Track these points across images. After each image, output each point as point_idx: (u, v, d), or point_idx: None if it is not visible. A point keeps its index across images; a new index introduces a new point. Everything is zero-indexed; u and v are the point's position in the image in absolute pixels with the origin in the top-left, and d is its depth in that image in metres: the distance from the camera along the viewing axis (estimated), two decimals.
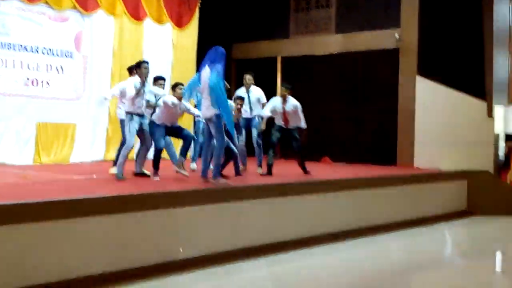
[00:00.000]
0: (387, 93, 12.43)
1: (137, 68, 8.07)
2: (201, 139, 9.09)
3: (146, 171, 8.26)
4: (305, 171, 9.28)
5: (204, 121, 7.92)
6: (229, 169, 8.71)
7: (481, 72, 12.08)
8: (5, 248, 4.94)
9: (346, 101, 13.12)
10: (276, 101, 9.27)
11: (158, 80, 8.93)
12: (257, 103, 9.71)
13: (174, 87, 8.13)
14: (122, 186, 7.30)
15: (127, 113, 7.95)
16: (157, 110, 8.15)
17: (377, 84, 12.67)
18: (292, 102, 9.20)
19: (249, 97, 9.62)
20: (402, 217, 9.42)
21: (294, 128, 9.28)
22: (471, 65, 12.07)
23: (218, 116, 7.35)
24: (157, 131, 7.97)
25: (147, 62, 8.13)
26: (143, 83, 7.96)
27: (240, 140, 9.17)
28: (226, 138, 7.84)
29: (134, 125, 7.90)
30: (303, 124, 9.29)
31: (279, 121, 9.23)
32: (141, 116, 8.01)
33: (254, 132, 9.60)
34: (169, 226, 6.25)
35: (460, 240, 9.54)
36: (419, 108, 12.00)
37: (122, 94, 8.65)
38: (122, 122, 8.69)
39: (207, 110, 7.43)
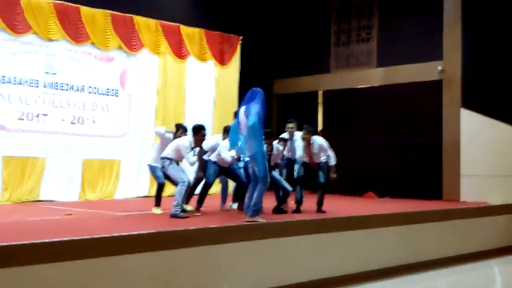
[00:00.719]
0: (432, 126, 12.26)
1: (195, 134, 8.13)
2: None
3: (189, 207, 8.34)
4: (320, 209, 8.89)
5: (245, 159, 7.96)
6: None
7: None
8: (51, 284, 4.99)
9: (389, 134, 12.98)
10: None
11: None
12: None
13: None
14: (163, 223, 7.34)
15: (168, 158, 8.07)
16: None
17: (421, 116, 12.51)
18: (317, 142, 8.98)
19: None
20: (449, 253, 9.18)
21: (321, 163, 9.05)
22: None
23: (257, 154, 7.36)
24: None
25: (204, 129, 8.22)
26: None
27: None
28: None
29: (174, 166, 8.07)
30: (332, 161, 9.10)
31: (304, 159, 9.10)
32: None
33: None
34: (212, 262, 6.23)
35: (508, 276, 9.22)
36: (465, 140, 11.78)
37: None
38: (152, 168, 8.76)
39: (249, 149, 7.43)
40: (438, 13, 12.20)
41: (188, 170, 9.21)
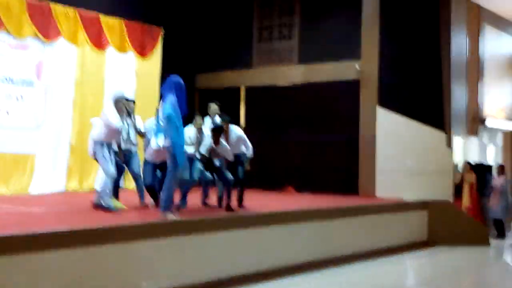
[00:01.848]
0: (349, 124, 12.58)
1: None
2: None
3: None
4: (241, 205, 8.78)
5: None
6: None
7: (440, 103, 12.37)
8: None
9: (309, 131, 13.22)
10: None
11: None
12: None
13: None
14: (80, 219, 7.18)
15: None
16: None
17: (339, 114, 12.82)
18: (236, 132, 8.94)
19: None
20: (364, 247, 9.47)
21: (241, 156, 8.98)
22: (431, 97, 12.36)
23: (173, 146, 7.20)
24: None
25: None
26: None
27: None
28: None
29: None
30: (250, 153, 9.06)
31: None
32: None
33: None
34: (130, 260, 6.15)
35: (421, 270, 9.62)
36: (380, 138, 12.17)
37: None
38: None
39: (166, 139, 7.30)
40: (357, 12, 12.52)
41: None
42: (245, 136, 9.03)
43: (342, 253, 8.99)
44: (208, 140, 8.48)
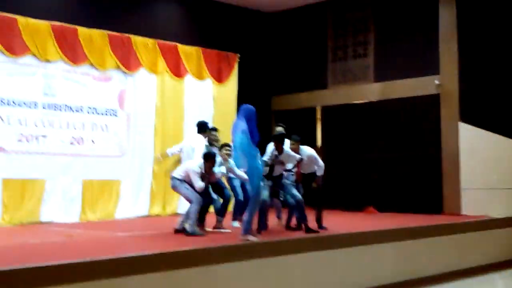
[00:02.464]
0: (430, 140, 12.28)
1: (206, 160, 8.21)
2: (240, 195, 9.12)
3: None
4: (320, 225, 8.66)
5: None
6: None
7: None
8: None
9: (388, 149, 13.01)
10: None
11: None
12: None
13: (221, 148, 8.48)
14: (164, 243, 7.33)
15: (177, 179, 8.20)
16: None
17: (419, 131, 12.54)
18: (306, 152, 8.77)
19: None
20: (451, 267, 9.16)
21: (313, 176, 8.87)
22: None
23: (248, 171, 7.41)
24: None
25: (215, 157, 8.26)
26: None
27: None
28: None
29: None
30: (321, 171, 8.83)
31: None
32: None
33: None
34: (213, 282, 6.21)
35: None
36: (464, 154, 11.78)
37: None
38: None
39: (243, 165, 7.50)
40: (434, 27, 12.29)
41: None
42: (316, 155, 8.89)
43: (428, 273, 8.72)
44: (270, 149, 8.47)
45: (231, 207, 9.08)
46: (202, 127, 9.08)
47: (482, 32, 12.03)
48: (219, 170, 8.22)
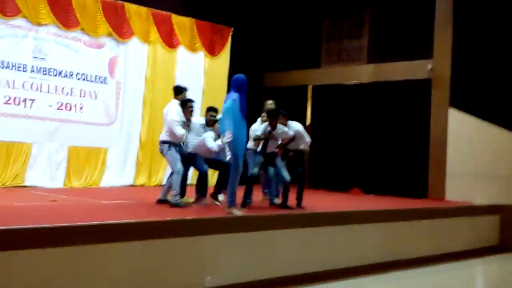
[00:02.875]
0: (419, 124, 12.31)
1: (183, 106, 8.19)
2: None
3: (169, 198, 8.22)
4: (299, 204, 8.53)
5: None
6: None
7: None
8: (34, 270, 4.98)
9: (377, 131, 13.03)
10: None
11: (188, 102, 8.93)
12: None
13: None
14: (147, 212, 7.32)
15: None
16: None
17: (409, 115, 12.57)
18: (294, 127, 8.73)
19: None
20: (432, 251, 9.24)
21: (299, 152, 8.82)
22: (505, 97, 11.90)
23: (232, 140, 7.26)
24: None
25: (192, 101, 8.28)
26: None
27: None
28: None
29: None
30: (304, 145, 8.85)
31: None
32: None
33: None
34: (196, 254, 6.22)
35: (489, 276, 9.30)
36: (451, 140, 11.83)
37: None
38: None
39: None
40: (429, 12, 12.24)
41: None
42: (303, 130, 8.88)
43: (409, 256, 8.80)
44: (264, 125, 8.38)
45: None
46: (176, 91, 8.78)
47: (478, 18, 11.99)
48: (215, 144, 8.05)
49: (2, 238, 4.86)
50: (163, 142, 8.00)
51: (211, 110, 8.61)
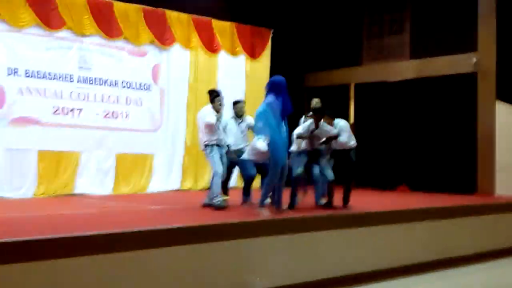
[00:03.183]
0: (466, 119, 12.09)
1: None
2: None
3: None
4: (346, 202, 8.50)
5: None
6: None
7: None
8: (86, 277, 5.10)
9: (422, 128, 12.85)
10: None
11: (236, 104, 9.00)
12: None
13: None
14: (194, 216, 7.41)
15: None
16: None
17: (455, 110, 12.35)
18: (341, 124, 8.67)
19: None
20: (483, 248, 9.07)
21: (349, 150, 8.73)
22: None
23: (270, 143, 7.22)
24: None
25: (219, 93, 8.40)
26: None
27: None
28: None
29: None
30: (353, 143, 8.75)
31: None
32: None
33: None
34: (244, 256, 6.26)
35: None
36: (500, 134, 11.59)
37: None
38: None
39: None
40: (472, 4, 12.01)
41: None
42: (349, 128, 8.77)
43: (460, 254, 8.65)
44: (308, 123, 8.31)
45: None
46: (210, 95, 8.68)
47: None
48: (262, 145, 7.40)
49: (54, 246, 5.00)
50: (204, 145, 8.18)
51: (238, 102, 8.86)
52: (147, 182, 11.60)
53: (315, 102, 9.37)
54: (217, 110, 8.28)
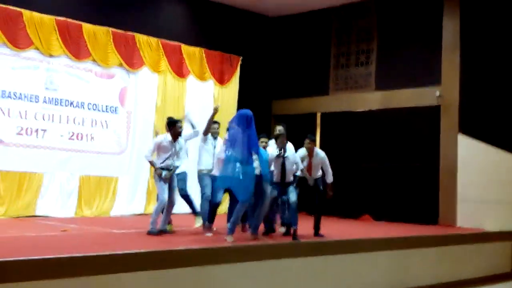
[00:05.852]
0: (428, 151, 12.30)
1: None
2: None
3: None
4: (317, 232, 8.54)
5: None
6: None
7: None
8: None
9: (386, 158, 13.02)
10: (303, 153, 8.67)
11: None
12: None
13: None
14: (157, 241, 7.34)
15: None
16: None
17: (418, 141, 12.57)
18: (320, 154, 8.67)
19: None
20: (444, 278, 9.16)
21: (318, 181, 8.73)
22: None
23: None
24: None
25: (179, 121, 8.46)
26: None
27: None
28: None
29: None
30: (331, 178, 8.79)
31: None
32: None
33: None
34: (205, 283, 6.22)
35: None
36: (462, 166, 11.80)
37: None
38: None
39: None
40: (437, 38, 12.31)
41: None
42: (327, 161, 8.77)
43: (421, 283, 8.72)
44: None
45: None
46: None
47: (485, 44, 12.05)
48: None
49: (13, 269, 4.89)
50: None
51: (215, 123, 9.04)
52: (111, 205, 11.47)
53: (279, 129, 9.49)
54: (174, 137, 8.25)
